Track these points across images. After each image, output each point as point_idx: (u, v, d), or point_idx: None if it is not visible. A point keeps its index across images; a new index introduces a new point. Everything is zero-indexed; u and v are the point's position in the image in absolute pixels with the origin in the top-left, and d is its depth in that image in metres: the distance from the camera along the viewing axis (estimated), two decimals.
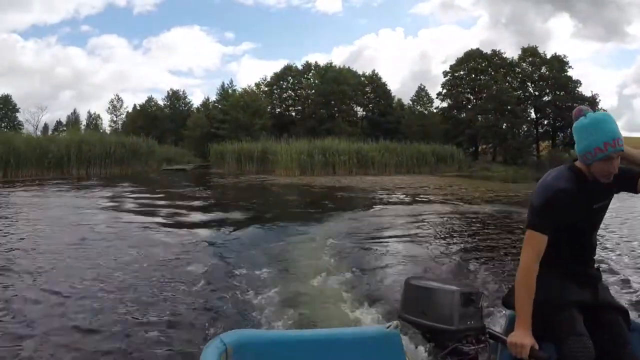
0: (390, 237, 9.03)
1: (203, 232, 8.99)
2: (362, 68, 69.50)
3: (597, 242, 2.38)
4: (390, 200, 15.68)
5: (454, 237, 9.40)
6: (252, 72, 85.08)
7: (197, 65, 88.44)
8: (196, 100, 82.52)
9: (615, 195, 2.22)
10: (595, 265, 2.38)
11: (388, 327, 2.01)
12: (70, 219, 10.11)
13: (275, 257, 7.44)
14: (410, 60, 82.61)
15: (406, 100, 45.81)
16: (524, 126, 43.20)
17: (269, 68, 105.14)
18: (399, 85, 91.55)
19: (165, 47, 76.70)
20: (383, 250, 8.08)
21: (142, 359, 3.82)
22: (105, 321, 4.44)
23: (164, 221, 10.04)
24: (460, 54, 43.11)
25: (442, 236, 9.30)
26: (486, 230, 10.10)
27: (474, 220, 11.38)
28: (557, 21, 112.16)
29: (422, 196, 16.54)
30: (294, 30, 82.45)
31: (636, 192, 2.27)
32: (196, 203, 13.60)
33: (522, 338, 2.03)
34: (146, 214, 10.72)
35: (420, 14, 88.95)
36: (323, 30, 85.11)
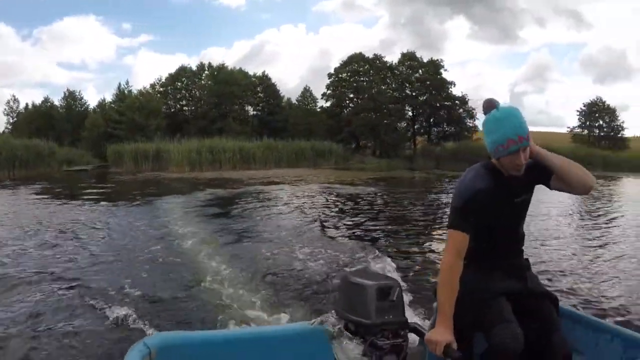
0: (250, 210, 12.93)
1: (107, 212, 12.28)
2: (262, 63, 72.60)
3: (525, 234, 2.54)
4: (253, 184, 20.64)
5: (325, 212, 13.10)
6: (149, 66, 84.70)
7: (91, 57, 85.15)
8: (90, 96, 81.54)
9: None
10: (525, 256, 2.57)
11: (312, 324, 2.15)
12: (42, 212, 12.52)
13: (161, 231, 9.84)
14: (310, 57, 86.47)
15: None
16: (402, 123, 49.18)
17: (166, 62, 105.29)
18: (299, 80, 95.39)
19: (57, 38, 75.40)
20: (243, 225, 10.85)
21: None
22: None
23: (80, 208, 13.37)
24: (360, 52, 48.36)
25: (307, 212, 12.92)
26: (352, 207, 14.36)
27: (323, 199, 16.24)
28: (454, 23, 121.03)
29: (292, 183, 21.93)
30: (194, 23, 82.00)
31: (550, 188, 2.43)
32: (104, 192, 17.47)
33: (440, 335, 2.15)
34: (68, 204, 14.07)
35: (323, 12, 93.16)
36: (224, 24, 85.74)
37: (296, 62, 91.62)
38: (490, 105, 2.31)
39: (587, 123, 55.48)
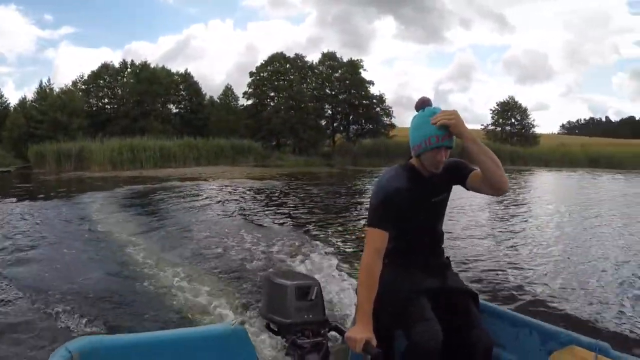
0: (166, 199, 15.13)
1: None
2: (188, 58, 72.67)
3: (444, 232, 2.69)
4: (171, 181, 22.47)
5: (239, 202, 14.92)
6: (71, 60, 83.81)
7: (9, 50, 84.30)
8: (9, 92, 79.60)
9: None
10: (446, 255, 2.73)
11: (233, 324, 2.16)
12: None
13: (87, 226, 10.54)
14: (237, 53, 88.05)
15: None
16: (322, 121, 51.95)
17: (89, 56, 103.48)
18: (225, 77, 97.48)
19: None
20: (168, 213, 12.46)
21: None
22: None
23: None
24: (287, 49, 51.25)
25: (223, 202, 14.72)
26: (254, 199, 16.15)
27: (239, 191, 18.47)
28: (382, 23, 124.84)
29: (207, 180, 23.83)
30: (119, 16, 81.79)
31: (466, 188, 2.58)
32: (29, 192, 18.74)
33: (359, 332, 2.21)
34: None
35: (251, 7, 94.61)
36: (150, 17, 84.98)
37: (223, 58, 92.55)
38: (423, 103, 2.46)
39: (500, 121, 60.33)
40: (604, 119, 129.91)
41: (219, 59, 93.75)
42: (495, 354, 2.55)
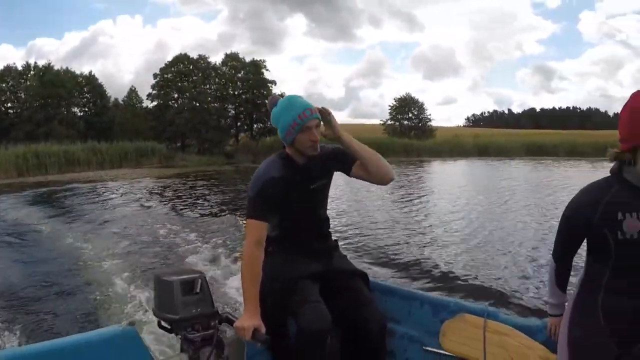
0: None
1: None
2: (95, 56, 70.96)
3: (329, 217, 2.84)
4: (75, 184, 24.53)
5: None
6: None
7: None
8: None
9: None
10: (334, 238, 2.88)
11: (122, 325, 2.18)
12: None
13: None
14: (146, 50, 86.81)
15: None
16: (227, 121, 54.12)
17: None
18: (134, 76, 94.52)
19: None
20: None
21: None
22: None
23: None
24: (198, 45, 52.31)
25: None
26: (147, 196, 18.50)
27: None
28: (293, 20, 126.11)
29: (110, 181, 26.02)
30: (22, 11, 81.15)
31: (349, 176, 2.71)
32: None
33: (246, 321, 2.30)
34: None
35: (161, 3, 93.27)
36: (55, 13, 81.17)
37: (132, 56, 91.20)
38: (274, 101, 2.64)
39: (398, 116, 64.63)
40: (506, 112, 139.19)
41: (127, 57, 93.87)
42: (391, 329, 2.72)
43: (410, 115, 65.40)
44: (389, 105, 66.72)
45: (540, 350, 2.44)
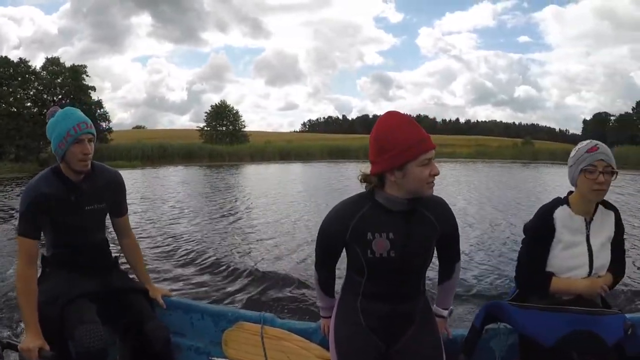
0: None
1: None
2: None
3: (107, 239, 2.84)
4: None
5: None
6: None
7: None
8: None
9: None
10: (115, 255, 2.90)
11: None
12: None
13: None
14: None
15: None
16: (43, 127, 54.81)
17: None
18: None
19: None
20: None
21: None
22: None
23: None
24: (35, 41, 51.29)
25: None
26: None
27: None
28: (138, 19, 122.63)
29: None
30: None
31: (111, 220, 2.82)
32: None
33: (30, 342, 2.27)
34: None
35: None
36: None
37: None
38: (52, 112, 2.60)
39: (214, 123, 69.55)
40: (341, 117, 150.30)
41: None
42: (176, 342, 2.82)
43: (225, 122, 70.57)
44: (205, 112, 71.59)
45: (316, 350, 2.59)
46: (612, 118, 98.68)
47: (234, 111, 71.20)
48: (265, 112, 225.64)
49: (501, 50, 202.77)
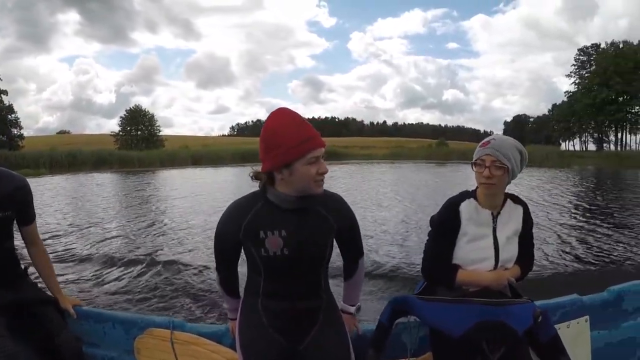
0: None
1: None
2: None
3: (15, 247, 2.71)
4: None
5: None
6: None
7: None
8: None
9: None
10: (23, 266, 2.78)
11: None
12: None
13: None
14: None
15: None
16: None
17: None
18: None
19: None
20: None
21: None
22: None
23: None
24: None
25: None
26: None
27: None
28: (66, 17, 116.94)
29: None
30: None
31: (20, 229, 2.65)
32: None
33: None
34: None
35: None
36: None
37: None
38: None
39: (129, 128, 68.85)
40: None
41: None
42: (90, 353, 2.73)
43: (141, 126, 70.08)
44: (120, 117, 70.52)
45: (227, 353, 2.56)
46: (531, 120, 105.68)
47: (149, 115, 70.89)
48: (196, 115, 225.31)
49: (431, 56, 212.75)
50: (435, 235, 2.59)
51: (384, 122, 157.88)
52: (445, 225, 2.52)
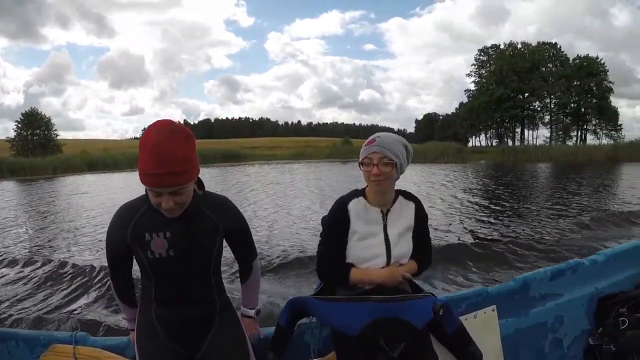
0: None
1: None
2: None
3: None
4: None
5: None
6: None
7: None
8: None
9: None
10: None
11: None
12: None
13: None
14: None
15: None
16: None
17: None
18: None
19: None
20: None
21: None
22: None
23: None
24: None
25: None
26: None
27: None
28: None
29: None
30: None
31: None
32: None
33: None
34: None
35: None
36: None
37: None
38: None
39: (25, 133, 64.79)
40: (182, 122, 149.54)
41: None
42: None
43: (37, 131, 66.39)
44: (16, 121, 66.71)
45: None
46: (440, 118, 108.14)
47: (46, 119, 67.66)
48: (110, 117, 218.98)
49: (348, 57, 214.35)
50: (327, 235, 2.60)
51: (299, 122, 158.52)
52: (335, 225, 2.53)
